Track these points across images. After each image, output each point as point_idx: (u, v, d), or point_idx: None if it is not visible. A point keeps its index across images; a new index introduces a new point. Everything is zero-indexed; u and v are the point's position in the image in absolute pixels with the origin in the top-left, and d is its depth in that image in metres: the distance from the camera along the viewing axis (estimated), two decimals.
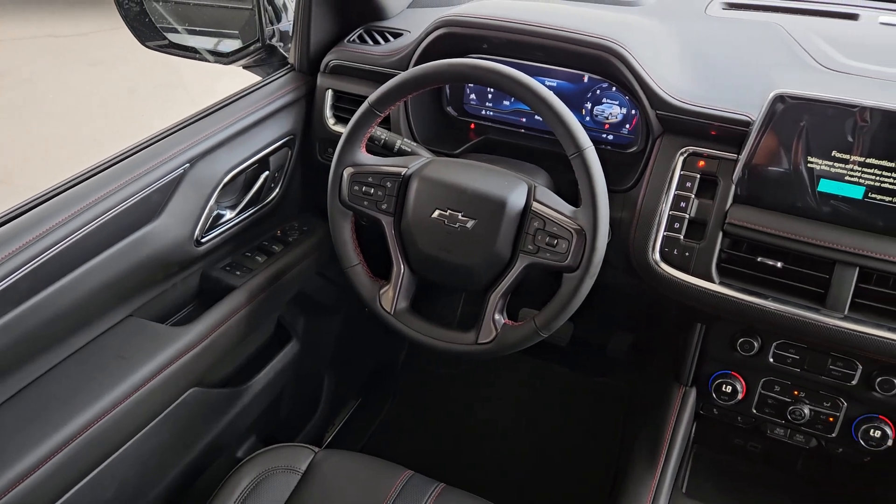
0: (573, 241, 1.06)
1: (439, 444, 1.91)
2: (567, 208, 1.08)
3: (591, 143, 1.05)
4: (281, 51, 1.52)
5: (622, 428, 1.75)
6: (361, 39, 1.46)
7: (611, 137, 1.35)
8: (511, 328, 1.12)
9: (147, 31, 1.49)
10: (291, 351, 1.56)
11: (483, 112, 1.45)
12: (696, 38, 1.32)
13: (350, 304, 1.69)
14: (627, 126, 1.34)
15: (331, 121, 1.44)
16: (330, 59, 1.43)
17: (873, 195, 1.04)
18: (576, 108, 1.35)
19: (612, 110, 1.34)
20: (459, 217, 1.11)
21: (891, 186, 1.02)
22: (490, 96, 1.44)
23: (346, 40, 1.46)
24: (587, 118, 1.35)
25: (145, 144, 1.21)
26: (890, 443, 1.13)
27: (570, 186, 1.11)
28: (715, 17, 1.40)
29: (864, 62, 1.20)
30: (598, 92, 1.33)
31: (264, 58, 1.53)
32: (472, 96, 1.45)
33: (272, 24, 1.51)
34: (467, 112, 1.46)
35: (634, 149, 1.31)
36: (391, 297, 1.19)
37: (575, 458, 1.84)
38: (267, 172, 1.40)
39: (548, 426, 1.94)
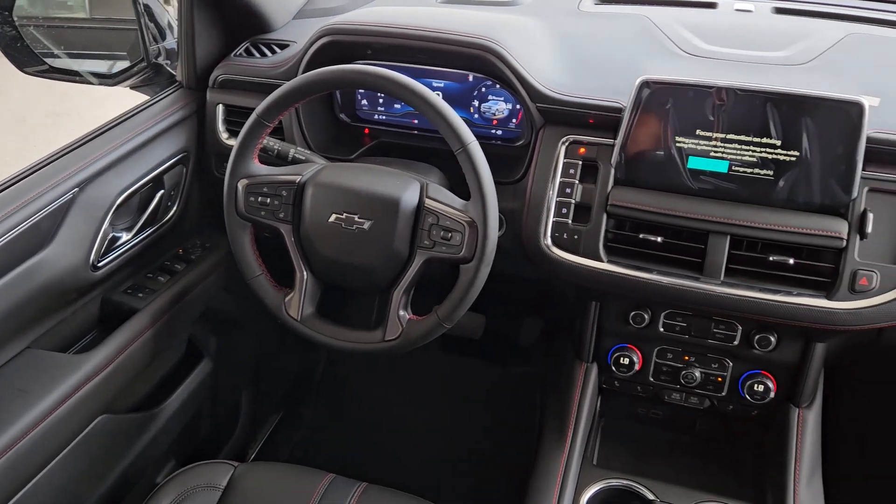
0: (466, 234, 1.10)
1: (363, 447, 1.92)
2: (458, 202, 1.12)
3: (474, 139, 1.10)
4: (168, 69, 1.51)
5: (538, 412, 1.81)
6: (248, 53, 1.46)
7: (500, 132, 1.41)
8: (416, 323, 1.16)
9: (24, 57, 1.45)
10: (204, 369, 1.55)
11: (376, 116, 1.48)
12: (571, 32, 1.39)
13: (263, 317, 1.69)
14: (514, 121, 1.39)
15: (224, 135, 1.44)
16: (218, 73, 1.43)
17: (737, 168, 1.12)
18: (464, 106, 1.40)
19: (498, 106, 1.39)
20: (356, 219, 1.14)
21: (750, 159, 1.11)
22: (381, 101, 1.47)
23: (232, 54, 1.46)
24: (476, 115, 1.40)
25: (30, 171, 1.18)
26: (772, 395, 1.22)
27: (463, 182, 1.16)
28: (588, 12, 1.48)
29: (722, 46, 1.30)
30: (483, 90, 1.39)
31: (151, 77, 1.51)
32: (364, 102, 1.48)
33: (156, 42, 1.50)
34: (360, 118, 1.49)
35: (522, 142, 1.37)
36: (297, 304, 1.20)
37: (495, 446, 1.89)
38: (162, 191, 1.38)
39: (468, 418, 1.98)
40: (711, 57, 1.28)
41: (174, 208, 1.43)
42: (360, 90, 1.46)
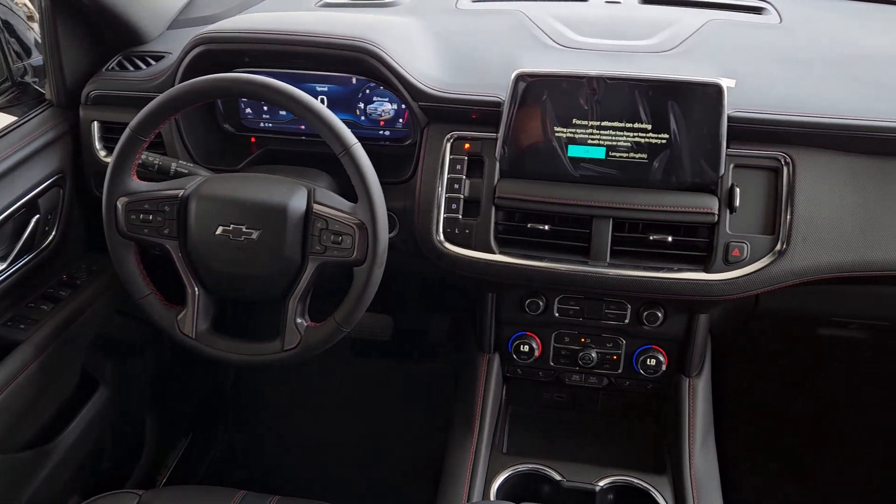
0: (356, 236, 1.10)
1: (279, 459, 1.90)
2: (346, 205, 1.12)
3: (356, 141, 1.10)
4: (36, 87, 1.44)
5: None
6: (121, 66, 1.41)
7: (388, 133, 1.41)
8: (314, 329, 1.15)
9: None
10: (101, 398, 1.48)
11: (261, 124, 1.45)
12: (450, 30, 1.41)
13: (161, 338, 1.63)
14: (401, 120, 1.40)
15: (102, 153, 1.38)
16: (90, 89, 1.38)
17: (613, 153, 1.17)
18: (350, 109, 1.39)
19: (383, 107, 1.39)
20: (243, 230, 1.12)
21: (625, 144, 1.16)
22: (266, 108, 1.45)
23: (104, 69, 1.41)
24: (362, 117, 1.40)
25: None
26: (664, 368, 1.28)
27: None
28: (465, 10, 1.50)
29: (593, 37, 1.35)
30: (367, 91, 1.39)
31: (18, 96, 1.44)
32: (248, 110, 1.45)
33: (21, 59, 1.42)
34: (245, 126, 1.46)
35: (410, 141, 1.38)
36: (190, 321, 1.17)
37: (411, 444, 1.90)
38: (38, 216, 1.32)
39: (383, 419, 1.98)
40: (584, 48, 1.32)
41: (53, 233, 1.36)
42: (242, 98, 1.44)
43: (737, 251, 1.14)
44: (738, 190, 1.14)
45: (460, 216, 1.22)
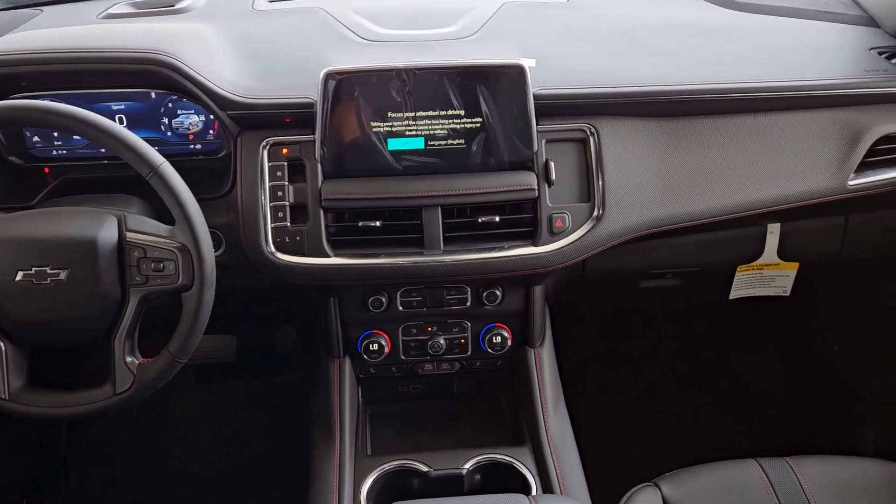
0: (179, 260, 1.03)
1: None
2: (163, 229, 1.05)
3: (163, 159, 1.03)
4: None
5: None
6: None
7: (199, 146, 1.34)
8: (148, 365, 1.07)
9: None
10: None
11: (54, 153, 1.32)
12: (249, 34, 1.36)
13: None
14: (211, 132, 1.33)
15: None
16: None
17: (432, 142, 1.18)
18: (153, 125, 1.30)
19: (190, 120, 1.32)
20: (48, 271, 1.01)
21: (442, 131, 1.18)
22: (56, 134, 1.32)
23: None
24: (168, 133, 1.32)
25: None
26: (510, 343, 1.32)
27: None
28: (262, 11, 1.45)
29: (396, 29, 1.36)
30: (170, 105, 1.30)
31: None
32: (36, 139, 1.31)
33: None
34: (36, 157, 1.32)
35: (224, 152, 1.31)
36: (1, 381, 1.05)
37: (276, 461, 1.84)
38: None
39: (244, 441, 1.90)
40: (389, 40, 1.33)
41: None
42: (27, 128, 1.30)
43: (560, 222, 1.20)
44: (552, 164, 1.20)
45: (289, 224, 1.18)
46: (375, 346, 1.31)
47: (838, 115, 1.29)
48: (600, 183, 1.21)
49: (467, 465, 1.22)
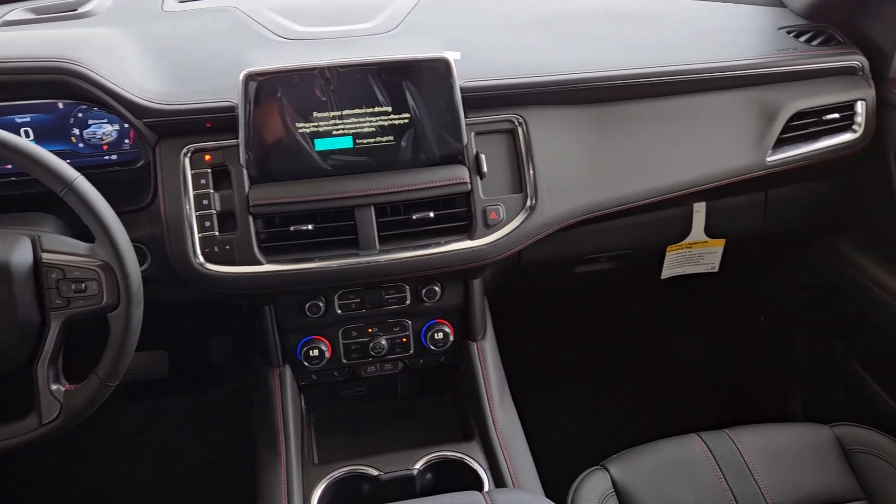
0: (102, 279, 0.98)
1: None
2: (82, 247, 0.99)
3: (77, 174, 0.98)
4: None
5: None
6: None
7: (115, 157, 1.27)
8: (75, 392, 1.01)
9: None
10: None
11: None
12: (161, 37, 1.30)
13: None
14: (127, 141, 1.26)
15: None
16: None
17: (361, 140, 1.16)
18: (63, 138, 1.23)
19: (103, 130, 1.25)
20: None
21: (370, 129, 1.16)
22: None
23: None
24: (81, 145, 1.25)
25: None
26: (452, 338, 1.32)
27: None
28: (173, 12, 1.39)
29: (315, 26, 1.32)
30: (80, 115, 1.23)
31: None
32: None
33: None
34: None
35: (143, 162, 1.25)
36: None
37: (220, 478, 1.78)
38: None
39: (184, 459, 1.84)
40: (308, 38, 1.30)
41: None
42: None
43: (494, 214, 1.19)
44: (483, 156, 1.19)
45: (217, 233, 1.14)
46: (316, 352, 1.28)
47: (754, 94, 1.33)
48: (531, 172, 1.21)
49: (417, 466, 1.21)
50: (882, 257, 1.42)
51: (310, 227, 1.16)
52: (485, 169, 1.19)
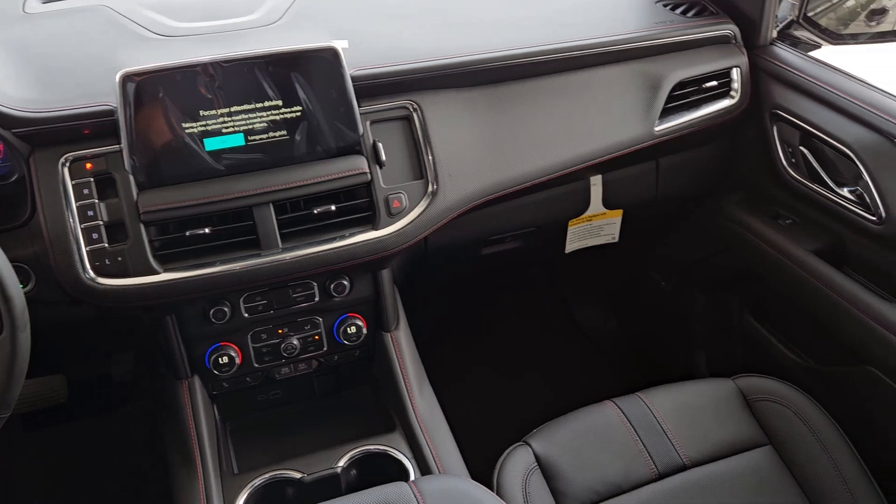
0: None
1: None
2: None
3: None
4: None
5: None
6: None
7: None
8: None
9: None
10: None
11: None
12: (25, 41, 1.21)
13: None
14: None
15: None
16: None
17: (253, 137, 1.12)
18: None
19: None
20: None
21: (262, 125, 1.12)
22: None
23: None
24: None
25: None
26: (365, 331, 1.30)
27: None
28: (37, 13, 1.30)
29: (193, 21, 1.27)
30: None
31: None
32: None
33: None
34: None
35: (17, 175, 1.17)
36: None
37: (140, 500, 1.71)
38: None
39: (87, 488, 1.74)
40: (188, 34, 1.24)
41: None
42: None
43: (396, 202, 1.18)
44: (380, 145, 1.18)
45: (106, 244, 1.08)
46: (225, 359, 1.23)
47: (638, 66, 1.38)
48: (430, 158, 1.21)
49: (341, 463, 1.19)
50: (766, 214, 1.50)
51: (207, 230, 1.11)
52: (383, 157, 1.17)
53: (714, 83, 1.42)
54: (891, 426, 1.27)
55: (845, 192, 1.32)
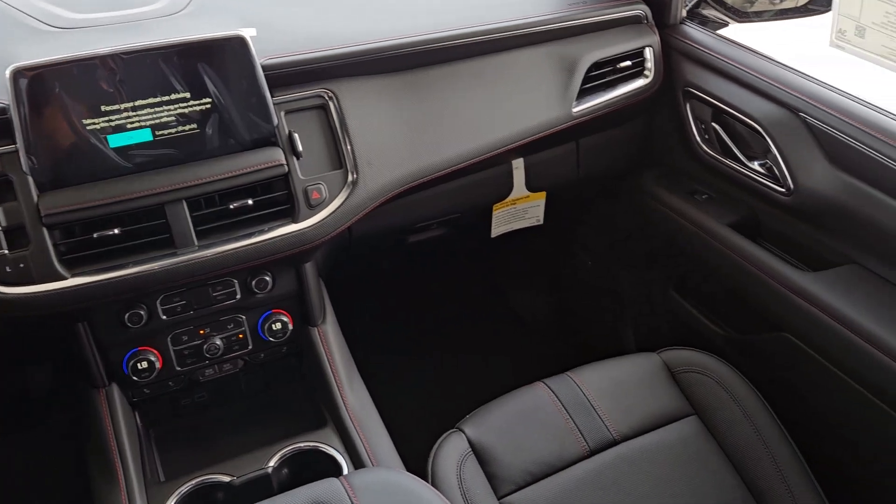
0: None
1: None
2: None
3: None
4: None
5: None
6: None
7: None
8: None
9: None
10: None
11: None
12: None
13: None
14: None
15: None
16: None
17: (161, 132, 1.08)
18: None
19: None
20: None
21: (169, 119, 1.07)
22: None
23: None
24: None
25: None
26: (291, 327, 1.27)
27: None
28: None
29: (92, 12, 1.21)
30: None
31: None
32: None
33: None
34: None
35: None
36: None
37: None
38: None
39: None
40: (86, 26, 1.18)
41: None
42: None
43: (316, 193, 1.16)
44: (296, 135, 1.15)
45: (7, 251, 1.02)
46: (144, 364, 1.18)
47: (553, 48, 1.38)
48: (349, 147, 1.19)
49: (272, 463, 1.17)
50: (683, 190, 1.54)
51: (116, 231, 1.06)
52: (300, 148, 1.14)
53: (628, 63, 1.44)
54: (807, 389, 1.33)
55: (756, 165, 1.36)
